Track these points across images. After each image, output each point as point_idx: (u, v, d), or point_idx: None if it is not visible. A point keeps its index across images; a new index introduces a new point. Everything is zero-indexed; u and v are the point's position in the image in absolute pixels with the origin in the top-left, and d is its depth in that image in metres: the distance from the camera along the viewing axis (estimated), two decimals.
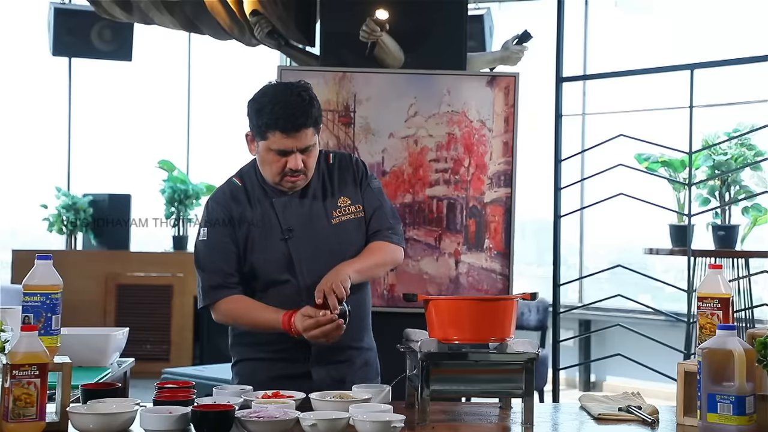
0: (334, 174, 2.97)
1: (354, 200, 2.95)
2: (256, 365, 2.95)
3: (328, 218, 2.92)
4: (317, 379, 2.87)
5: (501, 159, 4.62)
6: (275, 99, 2.81)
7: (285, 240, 2.88)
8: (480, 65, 5.17)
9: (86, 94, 9.53)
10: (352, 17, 4.63)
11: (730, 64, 5.21)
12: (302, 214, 2.90)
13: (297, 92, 2.82)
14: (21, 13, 9.50)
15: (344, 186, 2.96)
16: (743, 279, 5.51)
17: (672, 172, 5.60)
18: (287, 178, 2.86)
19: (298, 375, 2.87)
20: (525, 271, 9.24)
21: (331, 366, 2.91)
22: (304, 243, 2.88)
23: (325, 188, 2.95)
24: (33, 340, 2.27)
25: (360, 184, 2.98)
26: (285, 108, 2.78)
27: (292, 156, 2.82)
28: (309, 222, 2.90)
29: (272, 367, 2.90)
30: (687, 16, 8.57)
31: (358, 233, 2.94)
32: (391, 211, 3.03)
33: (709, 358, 2.38)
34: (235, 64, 9.25)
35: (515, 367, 2.53)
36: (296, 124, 2.79)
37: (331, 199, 2.94)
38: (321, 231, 2.90)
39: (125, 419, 2.31)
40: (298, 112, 2.79)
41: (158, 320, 8.35)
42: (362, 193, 2.97)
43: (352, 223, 2.94)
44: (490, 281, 4.59)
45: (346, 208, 2.94)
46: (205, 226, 2.93)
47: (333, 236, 2.90)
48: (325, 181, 2.96)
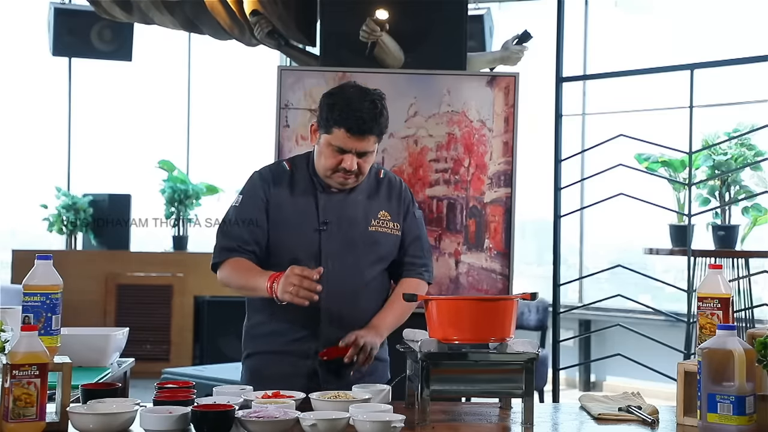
0: (382, 189, 3.06)
1: (394, 218, 3.04)
2: (264, 359, 2.99)
3: (366, 223, 2.99)
4: (324, 378, 2.91)
5: (501, 159, 4.62)
6: (350, 99, 2.90)
7: (319, 231, 2.95)
8: (480, 65, 5.17)
9: (86, 94, 9.52)
10: (352, 17, 4.63)
11: (730, 64, 5.21)
12: (341, 212, 2.98)
13: (371, 99, 2.91)
14: (21, 13, 9.50)
15: (388, 202, 3.05)
16: (743, 279, 5.51)
17: (672, 172, 5.59)
18: (339, 174, 2.93)
19: (305, 374, 2.91)
20: (525, 271, 9.24)
21: (337, 364, 2.91)
22: (337, 239, 2.95)
23: (370, 198, 3.03)
24: (33, 340, 2.27)
25: (404, 207, 3.07)
26: (356, 110, 2.87)
27: (349, 156, 2.90)
28: (346, 221, 2.97)
29: (281, 362, 2.94)
30: (687, 16, 8.57)
31: (391, 248, 3.02)
32: (428, 245, 3.14)
33: (709, 358, 2.38)
34: (235, 64, 9.25)
35: (515, 367, 2.53)
36: (362, 128, 2.87)
37: (372, 208, 3.02)
38: (356, 232, 2.97)
39: (125, 419, 2.31)
40: (368, 117, 2.87)
41: (158, 320, 8.35)
42: (405, 218, 3.06)
43: (388, 237, 3.02)
44: (490, 281, 4.59)
45: (385, 222, 3.02)
46: (241, 193, 3.03)
47: (366, 241, 2.98)
48: (371, 191, 3.04)
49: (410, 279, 3.05)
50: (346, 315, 2.93)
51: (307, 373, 2.92)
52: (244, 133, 9.35)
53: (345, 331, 2.91)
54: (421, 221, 3.13)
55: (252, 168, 3.10)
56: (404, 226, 3.06)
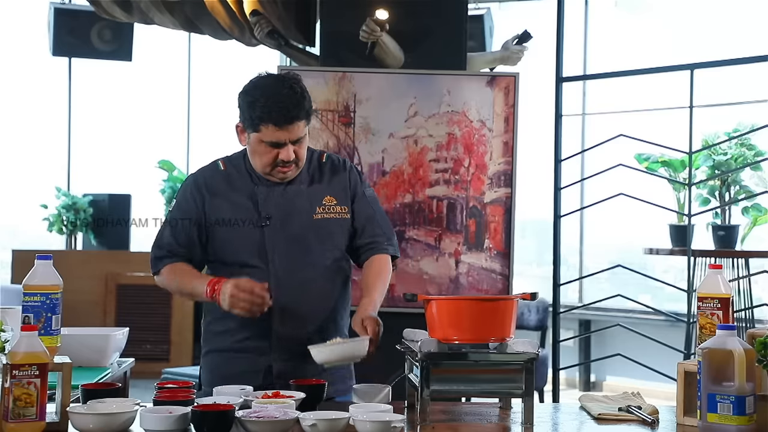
0: (325, 173, 2.99)
1: (340, 201, 2.96)
2: (221, 357, 2.97)
3: (311, 212, 2.92)
4: (278, 374, 2.86)
5: (501, 159, 4.62)
6: (267, 92, 2.83)
7: (261, 227, 2.89)
8: (480, 65, 5.17)
9: (86, 94, 9.52)
10: (352, 17, 4.63)
11: (730, 64, 5.22)
12: (283, 205, 2.91)
13: (289, 85, 2.84)
14: (21, 13, 9.50)
15: (332, 186, 2.97)
16: (743, 279, 5.51)
17: (672, 172, 5.60)
18: (278, 168, 2.88)
19: (261, 370, 2.88)
20: (525, 271, 9.24)
21: (294, 362, 2.86)
22: (280, 232, 2.89)
23: (312, 185, 2.96)
24: (33, 340, 2.27)
25: (353, 189, 2.99)
26: (278, 101, 2.80)
27: (285, 148, 2.84)
28: (289, 213, 2.91)
29: (236, 360, 2.92)
30: (687, 16, 8.57)
31: (341, 234, 2.95)
32: (384, 220, 3.05)
33: (709, 358, 2.38)
34: (235, 64, 9.24)
35: (515, 367, 2.53)
36: (289, 117, 2.81)
37: (316, 195, 2.95)
38: (300, 223, 2.90)
39: (125, 419, 2.31)
40: (291, 106, 2.81)
41: (158, 320, 8.34)
42: (355, 200, 2.98)
43: (335, 222, 2.94)
44: (490, 281, 4.59)
45: (331, 207, 2.95)
46: (174, 199, 3.02)
47: (312, 231, 2.91)
48: (314, 177, 2.97)
49: (376, 257, 2.97)
50: (299, 310, 2.87)
51: (263, 370, 2.89)
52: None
53: (298, 326, 2.86)
54: (373, 198, 3.04)
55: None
56: (356, 208, 2.97)
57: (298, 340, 2.82)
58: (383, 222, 3.03)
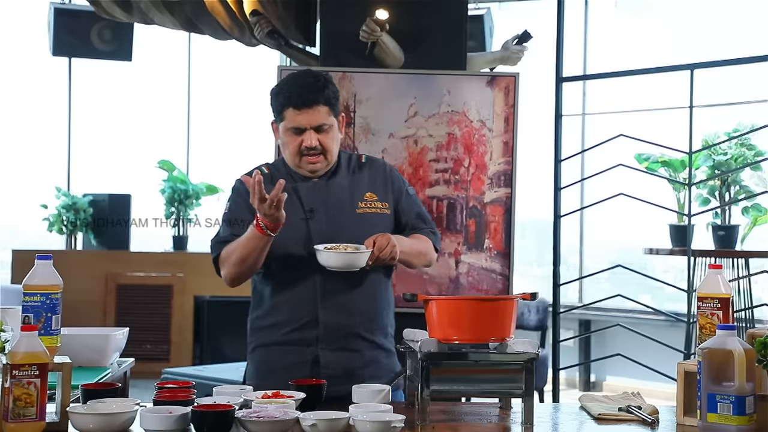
0: (365, 171, 3.07)
1: (381, 198, 3.04)
2: (268, 351, 3.00)
3: (352, 207, 3.00)
4: (325, 364, 2.91)
5: (501, 159, 4.62)
6: (291, 81, 2.96)
7: (306, 220, 2.96)
8: (480, 65, 5.17)
9: (86, 94, 9.53)
10: (352, 17, 4.63)
11: (730, 64, 5.21)
12: (326, 199, 2.99)
13: (313, 74, 2.98)
14: (21, 13, 9.50)
15: (373, 183, 3.05)
16: (743, 279, 5.51)
17: (672, 172, 5.60)
18: (306, 158, 2.95)
19: (308, 361, 2.92)
20: (525, 271, 9.24)
21: (340, 353, 2.92)
22: (325, 225, 2.96)
23: (353, 182, 3.04)
24: (33, 340, 2.27)
25: (397, 188, 3.07)
26: (299, 86, 2.92)
27: (307, 133, 2.92)
28: (332, 206, 2.98)
29: (283, 354, 2.96)
30: (687, 16, 8.57)
31: (383, 228, 2.99)
32: (431, 219, 3.15)
33: (709, 358, 2.38)
34: (235, 64, 9.25)
35: (515, 367, 2.53)
36: (307, 99, 2.90)
37: (357, 191, 3.03)
38: (343, 217, 2.98)
39: (125, 419, 2.31)
40: (310, 90, 2.91)
41: (158, 320, 8.35)
42: (401, 198, 3.07)
43: (378, 217, 3.02)
44: (490, 281, 4.59)
45: (372, 202, 3.03)
46: (228, 201, 3.08)
47: (355, 224, 2.97)
48: (354, 175, 3.05)
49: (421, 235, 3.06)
50: (344, 300, 2.93)
51: (310, 361, 2.93)
52: (244, 133, 9.35)
53: (344, 316, 2.92)
54: (416, 197, 3.15)
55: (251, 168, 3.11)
56: (403, 206, 3.06)
57: (345, 329, 2.90)
58: (428, 219, 3.13)
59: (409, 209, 3.07)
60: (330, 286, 2.91)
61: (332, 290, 2.92)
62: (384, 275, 3.04)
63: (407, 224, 3.06)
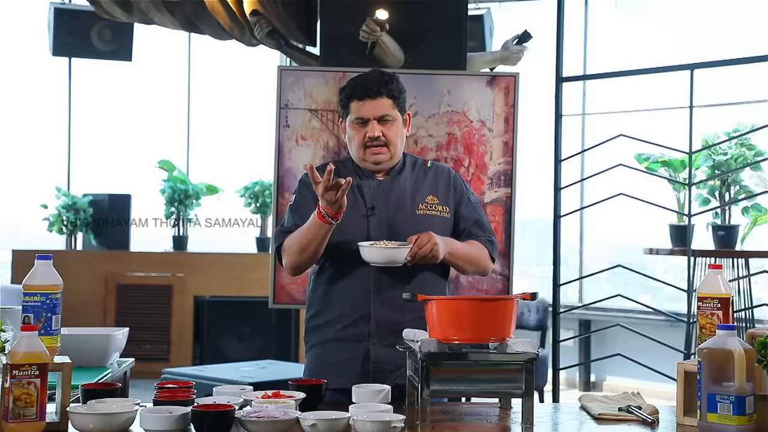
0: (429, 176, 3.14)
1: (442, 201, 3.10)
2: (324, 349, 3.06)
3: (413, 207, 3.06)
4: (375, 359, 2.98)
5: (501, 159, 4.62)
6: (357, 77, 3.09)
7: (367, 217, 3.03)
8: (480, 65, 5.18)
9: (86, 94, 9.52)
10: (352, 17, 4.63)
11: (730, 64, 5.21)
12: (388, 197, 3.06)
13: (379, 71, 3.09)
14: (21, 13, 9.50)
15: (435, 187, 3.12)
16: (743, 279, 5.51)
17: (672, 172, 5.60)
18: (370, 150, 3.03)
19: (359, 356, 2.99)
20: (525, 271, 9.24)
21: (391, 349, 2.93)
22: (385, 223, 3.02)
23: (416, 184, 3.10)
24: (33, 340, 2.27)
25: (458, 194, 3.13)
26: (363, 79, 3.05)
27: (370, 124, 3.01)
28: (392, 205, 3.05)
29: (337, 350, 3.03)
30: (687, 16, 8.57)
31: (442, 231, 3.04)
32: (490, 228, 3.19)
33: (709, 358, 2.38)
34: (235, 64, 9.25)
35: (515, 367, 2.53)
36: (370, 91, 3.01)
37: (419, 193, 3.09)
38: (403, 216, 3.04)
39: (125, 419, 2.31)
40: (374, 83, 3.02)
41: (158, 320, 8.34)
42: (461, 204, 3.12)
43: (438, 219, 3.07)
44: (490, 281, 4.59)
45: (433, 205, 3.09)
46: (294, 194, 3.17)
47: (414, 225, 3.02)
48: (418, 178, 3.12)
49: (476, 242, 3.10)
50: (398, 296, 2.93)
51: (362, 356, 2.99)
52: (244, 133, 9.35)
53: (396, 312, 2.96)
54: (478, 204, 3.20)
55: (252, 168, 3.15)
56: (463, 212, 3.11)
57: (396, 326, 2.91)
58: (488, 228, 3.17)
59: (468, 216, 3.12)
60: (383, 282, 2.98)
61: (385, 286, 2.99)
62: (440, 275, 3.09)
63: (464, 230, 3.11)
